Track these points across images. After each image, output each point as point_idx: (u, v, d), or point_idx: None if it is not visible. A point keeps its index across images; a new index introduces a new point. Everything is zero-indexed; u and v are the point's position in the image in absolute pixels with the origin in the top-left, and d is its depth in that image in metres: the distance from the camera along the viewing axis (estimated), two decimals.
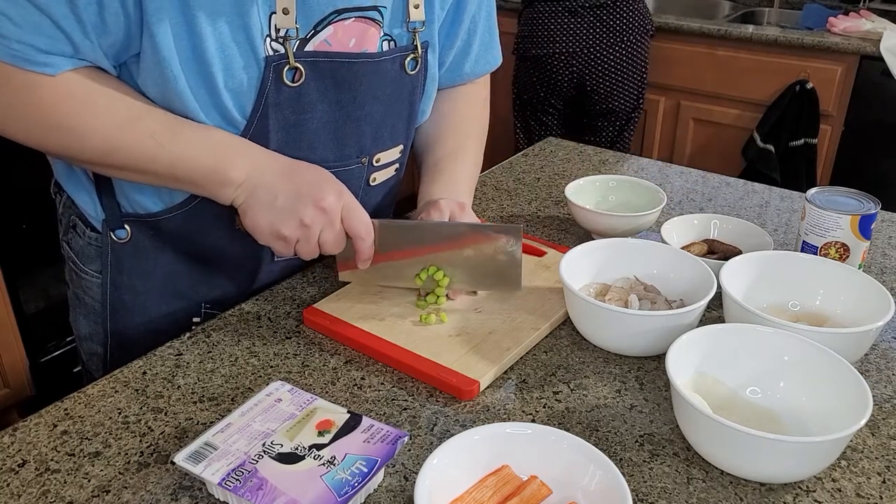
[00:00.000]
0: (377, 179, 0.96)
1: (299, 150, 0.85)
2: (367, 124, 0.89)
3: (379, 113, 0.90)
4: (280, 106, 0.81)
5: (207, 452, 0.63)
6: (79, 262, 0.95)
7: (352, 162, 0.90)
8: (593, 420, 0.74)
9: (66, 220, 0.96)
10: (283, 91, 0.80)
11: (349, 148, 0.89)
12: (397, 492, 0.65)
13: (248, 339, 0.86)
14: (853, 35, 2.32)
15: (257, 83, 0.78)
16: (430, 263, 0.90)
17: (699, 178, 1.33)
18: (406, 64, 0.89)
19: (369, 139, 0.91)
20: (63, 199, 0.96)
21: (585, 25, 2.29)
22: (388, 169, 0.97)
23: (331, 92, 0.84)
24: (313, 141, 0.86)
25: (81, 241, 0.94)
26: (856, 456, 0.70)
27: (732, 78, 2.50)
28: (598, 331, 0.83)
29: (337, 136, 0.87)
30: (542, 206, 1.21)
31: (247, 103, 0.79)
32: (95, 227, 0.92)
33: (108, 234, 0.90)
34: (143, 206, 0.88)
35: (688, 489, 0.66)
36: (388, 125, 0.92)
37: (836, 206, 0.93)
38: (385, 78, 0.88)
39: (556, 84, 2.40)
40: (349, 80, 0.84)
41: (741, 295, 0.85)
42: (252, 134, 0.81)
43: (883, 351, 0.85)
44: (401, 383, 0.79)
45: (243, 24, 0.75)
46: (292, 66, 0.79)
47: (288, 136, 0.83)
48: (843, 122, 2.39)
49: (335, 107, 0.85)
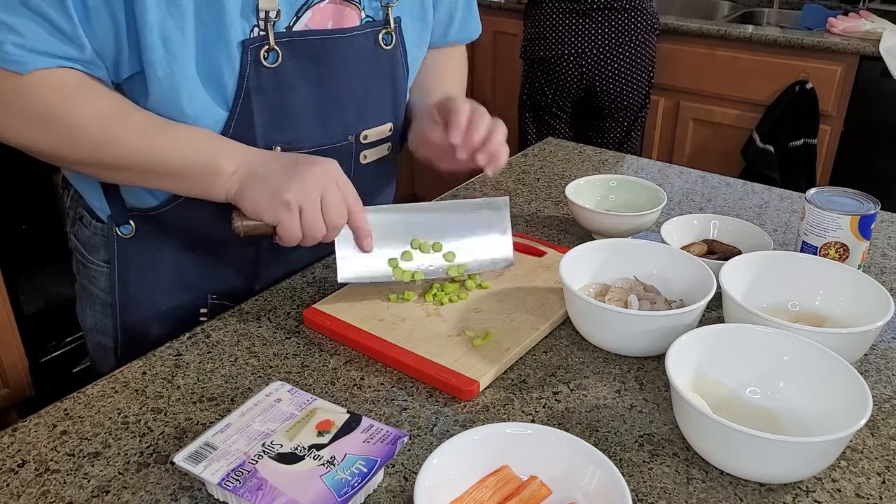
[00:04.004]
0: (368, 157, 0.96)
1: (286, 131, 0.86)
2: (349, 102, 0.90)
3: (360, 90, 0.91)
4: (262, 89, 0.82)
5: (207, 453, 0.63)
6: (85, 252, 0.98)
7: (339, 140, 0.91)
8: (593, 420, 0.74)
9: (73, 213, 0.99)
10: (262, 73, 0.81)
11: (335, 126, 0.90)
12: (397, 492, 0.65)
13: (247, 340, 0.86)
14: (853, 35, 2.32)
15: (236, 68, 0.80)
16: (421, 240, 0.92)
17: (699, 178, 1.33)
18: (380, 39, 0.90)
19: (354, 117, 0.92)
20: (71, 193, 0.99)
21: (595, 27, 2.28)
22: (380, 147, 0.98)
23: (310, 71, 0.85)
24: (299, 122, 0.87)
25: (87, 230, 0.96)
26: (855, 456, 0.70)
27: (732, 78, 2.50)
28: (598, 331, 0.83)
29: (321, 115, 0.88)
30: (542, 206, 1.21)
31: (229, 88, 0.81)
32: (101, 218, 0.94)
33: (113, 230, 0.92)
34: (145, 200, 0.90)
35: (688, 489, 0.66)
36: (371, 102, 0.93)
37: (835, 207, 0.93)
38: (361, 54, 0.89)
39: (565, 86, 2.39)
40: (325, 58, 0.86)
41: (741, 295, 0.84)
42: (237, 118, 0.82)
43: (883, 351, 0.85)
44: (400, 383, 0.79)
45: (218, 7, 0.77)
46: (270, 47, 0.80)
47: (273, 118, 0.85)
48: (842, 122, 2.39)
49: (316, 86, 0.86)
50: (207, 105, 0.81)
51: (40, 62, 0.74)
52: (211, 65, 0.79)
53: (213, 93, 0.81)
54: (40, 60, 0.73)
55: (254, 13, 0.79)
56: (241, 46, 0.79)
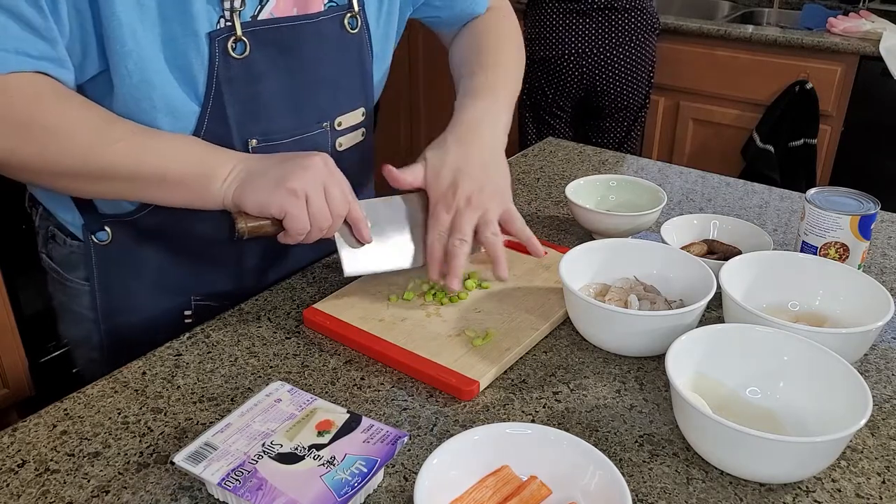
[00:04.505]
0: (343, 145, 0.96)
1: (258, 121, 0.86)
2: (321, 88, 0.90)
3: (331, 75, 0.90)
4: (232, 80, 0.82)
5: (207, 453, 0.63)
6: (62, 271, 0.95)
7: (314, 128, 0.91)
8: (593, 420, 0.74)
9: (43, 232, 0.96)
10: (231, 65, 0.81)
11: (308, 114, 0.90)
12: (397, 492, 0.65)
13: (247, 340, 0.86)
14: (853, 35, 2.32)
15: (205, 60, 0.79)
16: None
17: (699, 178, 1.33)
18: (346, 23, 0.90)
19: (326, 103, 0.92)
20: (39, 212, 0.96)
21: (595, 27, 2.28)
22: (354, 133, 0.97)
23: (278, 59, 0.85)
24: (271, 111, 0.86)
25: (63, 249, 0.94)
26: (855, 456, 0.70)
27: (732, 78, 2.50)
28: (598, 331, 0.83)
29: (293, 103, 0.88)
30: (542, 206, 1.21)
31: (200, 81, 0.80)
32: (76, 234, 0.92)
33: (89, 238, 0.89)
34: (120, 206, 0.88)
35: (688, 489, 0.66)
36: (343, 87, 0.93)
37: (835, 207, 0.93)
38: (328, 39, 0.88)
39: (564, 86, 2.40)
40: (293, 45, 0.85)
41: (741, 295, 0.84)
42: (210, 112, 0.82)
43: (883, 351, 0.85)
44: (400, 383, 0.79)
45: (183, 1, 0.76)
46: (238, 38, 0.80)
47: (245, 110, 0.84)
48: (842, 122, 2.39)
49: (286, 74, 0.86)
50: (180, 99, 0.80)
51: (15, 63, 0.71)
52: (181, 58, 0.78)
53: (184, 86, 0.80)
54: (15, 61, 0.71)
55: (219, 4, 0.78)
56: (209, 38, 0.78)
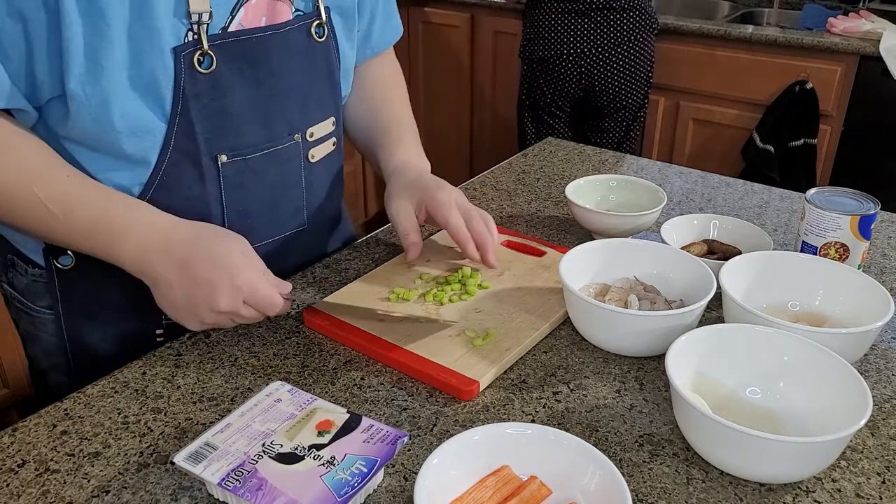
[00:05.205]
0: (316, 156, 0.96)
1: (227, 136, 0.84)
2: (291, 99, 0.89)
3: (300, 86, 0.90)
4: (199, 96, 0.80)
5: (207, 453, 0.63)
6: (26, 300, 0.93)
7: (285, 140, 0.90)
8: (593, 420, 0.74)
9: (2, 260, 0.94)
10: (198, 80, 0.80)
11: (278, 126, 0.89)
12: (397, 492, 0.65)
13: (247, 340, 0.86)
14: (853, 35, 2.32)
15: (171, 76, 0.78)
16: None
17: (699, 178, 1.33)
18: (313, 32, 0.89)
19: (297, 114, 0.91)
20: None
21: (594, 27, 2.29)
22: (326, 144, 0.97)
23: (246, 71, 0.84)
24: (240, 124, 0.85)
25: (25, 278, 0.92)
26: (855, 456, 0.70)
27: (732, 78, 2.50)
28: (598, 331, 0.83)
29: (263, 115, 0.87)
30: (542, 206, 1.21)
31: (166, 98, 0.79)
32: (36, 262, 0.90)
33: (52, 263, 0.87)
34: None
35: (688, 489, 0.66)
36: (313, 98, 0.92)
37: (835, 207, 0.93)
38: (295, 49, 0.88)
39: (563, 86, 2.40)
40: (261, 57, 0.84)
41: (741, 295, 0.85)
42: (178, 128, 0.80)
43: (883, 351, 0.85)
44: (401, 383, 0.79)
45: (147, 14, 0.74)
46: (204, 52, 0.79)
47: (213, 125, 0.83)
48: (842, 122, 2.39)
49: (254, 86, 0.85)
50: (144, 118, 0.78)
51: None
52: (147, 75, 0.76)
53: (151, 104, 0.78)
54: None
55: (186, 17, 0.77)
56: (174, 53, 0.77)
